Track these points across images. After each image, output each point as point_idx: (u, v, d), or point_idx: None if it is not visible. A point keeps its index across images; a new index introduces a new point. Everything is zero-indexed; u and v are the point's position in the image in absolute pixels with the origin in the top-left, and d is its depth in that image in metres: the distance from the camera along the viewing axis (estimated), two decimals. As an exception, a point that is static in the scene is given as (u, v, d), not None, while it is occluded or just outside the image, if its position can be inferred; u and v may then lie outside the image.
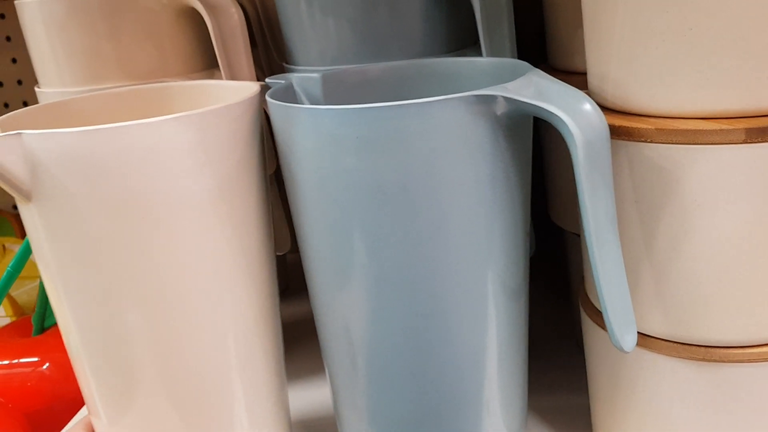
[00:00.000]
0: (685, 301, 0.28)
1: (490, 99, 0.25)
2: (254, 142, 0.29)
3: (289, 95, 0.33)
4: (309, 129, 0.27)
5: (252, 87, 0.31)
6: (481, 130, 0.26)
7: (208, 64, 0.42)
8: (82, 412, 0.48)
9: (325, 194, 0.27)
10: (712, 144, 0.26)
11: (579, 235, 0.42)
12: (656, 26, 0.26)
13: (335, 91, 0.34)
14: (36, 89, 0.42)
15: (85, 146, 0.26)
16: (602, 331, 0.32)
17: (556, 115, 0.24)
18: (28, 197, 0.27)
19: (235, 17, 0.37)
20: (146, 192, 0.26)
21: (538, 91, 0.26)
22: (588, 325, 0.33)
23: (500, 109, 0.26)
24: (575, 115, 0.24)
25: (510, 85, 0.26)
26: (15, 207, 0.86)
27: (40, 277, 0.69)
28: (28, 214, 0.28)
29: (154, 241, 0.27)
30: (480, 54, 0.38)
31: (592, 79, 0.30)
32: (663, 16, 0.26)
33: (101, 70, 0.39)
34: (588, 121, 0.24)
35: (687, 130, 0.26)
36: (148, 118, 0.26)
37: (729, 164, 0.26)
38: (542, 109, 0.25)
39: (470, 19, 0.38)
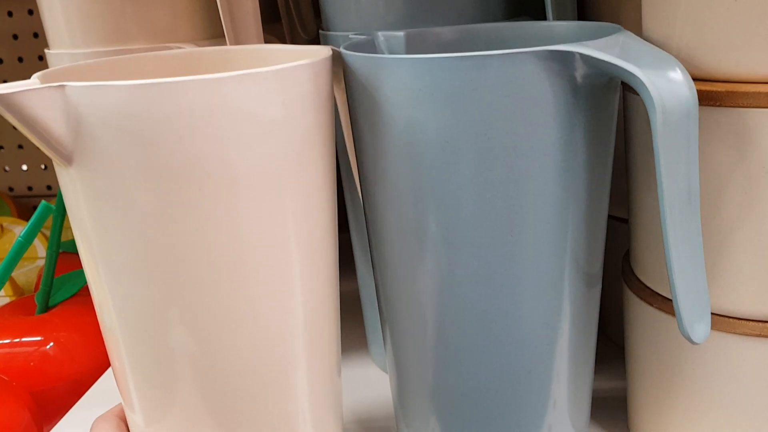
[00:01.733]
0: (746, 273, 0.27)
1: (567, 56, 0.24)
2: (328, 106, 0.28)
3: (368, 51, 0.32)
4: (383, 79, 0.26)
5: (321, 49, 0.29)
6: (555, 89, 0.25)
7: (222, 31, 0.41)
8: (88, 394, 0.46)
9: (401, 146, 0.26)
10: (785, 107, 0.25)
11: (614, 218, 0.41)
12: (729, -15, 0.25)
13: (418, 51, 0.33)
14: (46, 51, 0.41)
15: (138, 103, 0.23)
16: (648, 306, 0.31)
17: (637, 77, 0.23)
18: (68, 160, 0.24)
19: None
20: (207, 158, 0.24)
21: (624, 51, 0.25)
22: (631, 300, 0.32)
23: (579, 68, 0.24)
24: (659, 80, 0.23)
25: (592, 42, 0.25)
26: (11, 189, 0.84)
27: (41, 257, 0.67)
28: (67, 178, 0.25)
29: (215, 215, 0.24)
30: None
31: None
32: (737, -25, 0.25)
33: (113, 31, 0.38)
34: (673, 89, 0.23)
35: (759, 93, 0.25)
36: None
37: (803, 128, 0.25)
38: (622, 69, 0.23)
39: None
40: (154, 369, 0.27)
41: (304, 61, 0.25)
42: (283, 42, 0.48)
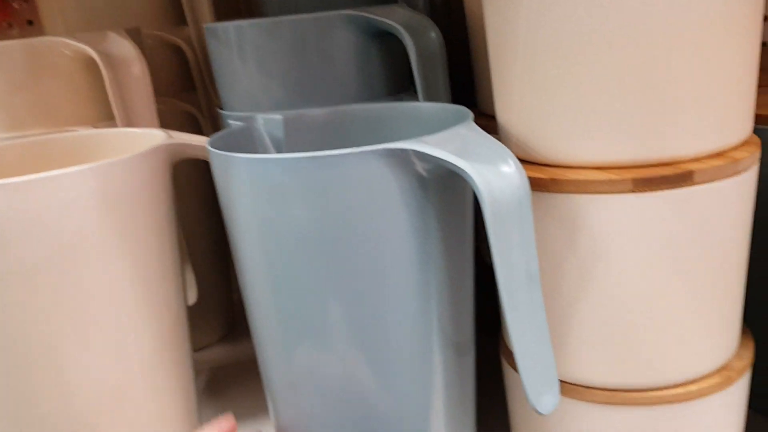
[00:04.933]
0: (588, 346, 0.29)
1: (404, 152, 0.25)
2: (158, 193, 0.29)
3: (240, 139, 0.33)
4: (237, 176, 0.27)
5: (157, 136, 0.31)
6: (402, 182, 0.25)
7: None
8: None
9: (252, 241, 0.28)
10: (601, 193, 0.26)
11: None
12: (549, 80, 0.27)
13: (296, 133, 0.34)
14: None
15: None
16: (516, 374, 0.32)
17: (466, 172, 0.24)
18: None
19: (136, 70, 0.37)
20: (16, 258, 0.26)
21: (462, 145, 0.25)
22: (505, 368, 0.34)
23: (419, 162, 0.25)
24: (489, 174, 0.24)
25: (430, 138, 0.25)
26: None
27: None
28: None
29: (42, 306, 0.27)
30: (412, 100, 0.39)
31: (500, 129, 0.31)
32: (555, 71, 0.27)
33: (18, 117, 0.39)
34: (503, 181, 0.24)
35: (578, 181, 0.27)
36: (61, 167, 0.26)
37: (619, 213, 0.26)
38: (453, 165, 0.24)
39: (404, 64, 0.39)
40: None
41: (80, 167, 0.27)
42: (199, 109, 0.50)
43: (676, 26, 0.25)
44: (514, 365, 0.32)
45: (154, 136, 0.32)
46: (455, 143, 0.26)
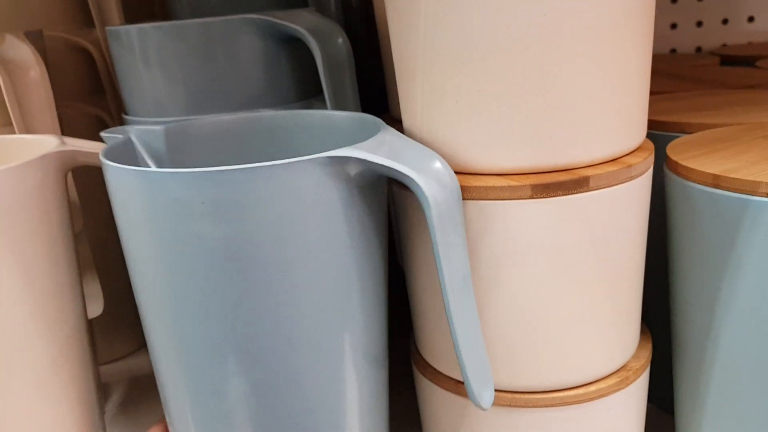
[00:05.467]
0: (490, 350, 0.29)
1: (344, 160, 0.25)
2: (49, 202, 0.28)
3: (126, 152, 0.31)
4: (145, 192, 0.25)
5: (49, 143, 0.30)
6: (335, 191, 0.25)
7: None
8: None
9: (156, 263, 0.26)
10: (502, 200, 0.27)
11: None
12: (450, 88, 0.27)
13: (181, 146, 0.32)
14: None
15: None
16: (430, 383, 0.32)
17: (409, 177, 0.24)
18: None
19: (34, 74, 0.36)
20: None
21: (391, 150, 0.26)
22: (419, 378, 0.34)
23: (354, 170, 0.25)
24: (426, 175, 0.24)
25: (363, 145, 0.25)
26: None
27: None
28: None
29: None
30: (324, 104, 0.39)
31: (407, 134, 0.31)
32: (455, 79, 0.27)
33: None
34: (439, 180, 0.25)
35: (480, 187, 0.27)
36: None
37: (519, 219, 0.27)
38: (395, 170, 0.24)
39: (313, 70, 0.39)
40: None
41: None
42: (109, 113, 0.48)
43: (571, 35, 0.25)
44: (426, 374, 0.32)
45: (46, 143, 0.31)
46: (385, 149, 0.26)
